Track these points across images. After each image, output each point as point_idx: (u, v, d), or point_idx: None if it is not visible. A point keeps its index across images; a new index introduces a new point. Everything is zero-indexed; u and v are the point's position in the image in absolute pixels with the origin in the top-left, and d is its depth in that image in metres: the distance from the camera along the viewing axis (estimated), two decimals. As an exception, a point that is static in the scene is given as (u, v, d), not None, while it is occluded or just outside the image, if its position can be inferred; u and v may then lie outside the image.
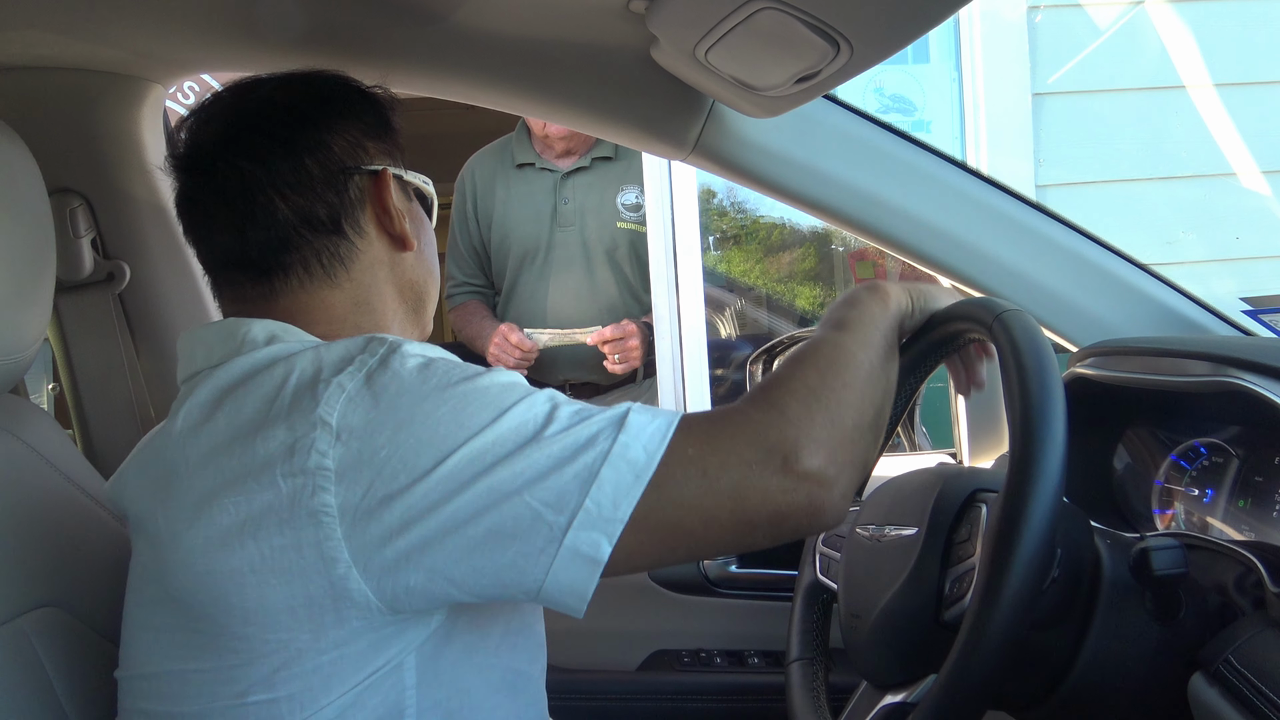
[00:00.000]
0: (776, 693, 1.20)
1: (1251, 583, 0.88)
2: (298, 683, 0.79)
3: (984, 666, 0.78)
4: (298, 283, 0.92)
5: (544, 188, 2.59)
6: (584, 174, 2.58)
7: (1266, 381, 0.91)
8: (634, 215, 2.56)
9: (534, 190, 2.59)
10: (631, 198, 2.57)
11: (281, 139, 0.92)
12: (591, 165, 2.58)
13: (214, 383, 0.84)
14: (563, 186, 2.58)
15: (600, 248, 2.55)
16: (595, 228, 2.55)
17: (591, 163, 2.58)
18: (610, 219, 2.56)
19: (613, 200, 2.57)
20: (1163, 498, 1.17)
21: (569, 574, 0.76)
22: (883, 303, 0.93)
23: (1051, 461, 0.79)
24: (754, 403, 0.81)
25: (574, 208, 2.57)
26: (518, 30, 1.18)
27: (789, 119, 1.23)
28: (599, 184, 2.57)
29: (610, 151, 2.58)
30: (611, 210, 2.56)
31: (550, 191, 2.58)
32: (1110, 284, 1.32)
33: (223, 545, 0.77)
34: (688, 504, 0.77)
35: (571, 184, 2.58)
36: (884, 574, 0.96)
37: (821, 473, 0.78)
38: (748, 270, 3.58)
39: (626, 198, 2.57)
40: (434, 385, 0.78)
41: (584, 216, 2.56)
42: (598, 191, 2.57)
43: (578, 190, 2.58)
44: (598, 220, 2.55)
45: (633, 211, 2.56)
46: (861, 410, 0.83)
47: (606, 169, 2.58)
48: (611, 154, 2.58)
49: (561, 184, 2.58)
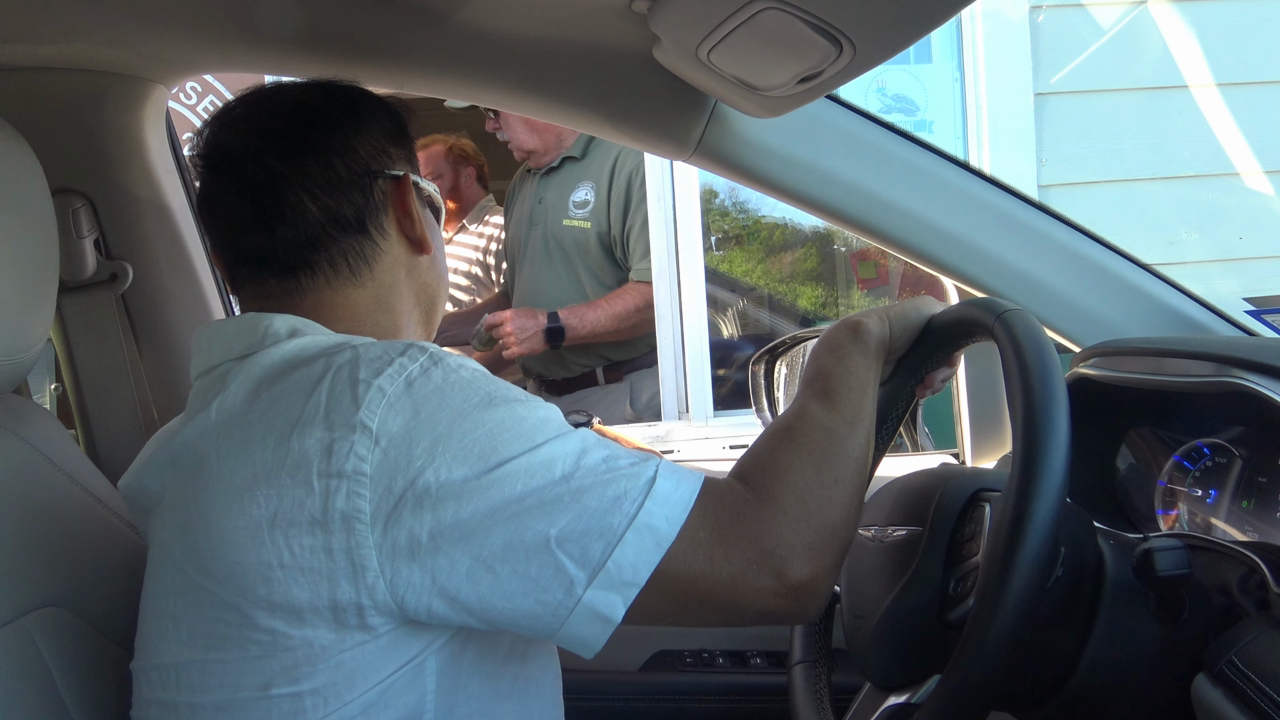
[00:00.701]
0: (779, 693, 1.20)
1: (1255, 583, 0.88)
2: (321, 677, 0.79)
3: (987, 666, 0.78)
4: (324, 280, 0.94)
5: (530, 190, 2.70)
6: (555, 173, 2.66)
7: (1270, 382, 0.91)
8: (580, 212, 2.62)
9: (525, 194, 2.71)
10: (581, 194, 2.62)
11: (312, 141, 0.94)
12: (560, 165, 2.66)
13: (248, 374, 0.85)
14: (540, 187, 2.67)
15: (555, 244, 2.63)
16: (553, 225, 2.63)
17: (561, 163, 2.65)
18: (560, 217, 2.63)
19: (566, 199, 2.63)
20: (1166, 498, 1.16)
21: (583, 629, 0.79)
22: (864, 349, 0.95)
23: (1055, 461, 0.78)
24: (755, 490, 0.83)
25: (545, 207, 2.65)
26: (520, 30, 1.18)
27: (791, 119, 1.23)
28: (563, 182, 2.65)
29: (579, 151, 2.64)
30: (563, 208, 2.63)
31: (533, 192, 2.69)
32: (1112, 284, 1.32)
33: (253, 537, 0.78)
34: (691, 582, 0.80)
35: (546, 184, 2.67)
36: (887, 574, 0.96)
37: (810, 585, 0.81)
38: (750, 270, 3.59)
39: (577, 195, 2.63)
40: (475, 404, 0.80)
41: (548, 215, 2.64)
42: (558, 190, 2.64)
43: (549, 189, 2.67)
44: (555, 218, 2.63)
45: (580, 209, 2.62)
46: (849, 506, 0.86)
47: (572, 168, 2.65)
48: (579, 153, 2.64)
49: (539, 184, 2.67)
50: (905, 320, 1.00)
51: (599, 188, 2.61)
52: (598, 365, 2.66)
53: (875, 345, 0.96)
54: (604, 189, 2.60)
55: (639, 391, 2.72)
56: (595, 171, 2.62)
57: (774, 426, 0.90)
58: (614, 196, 2.60)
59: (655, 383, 2.76)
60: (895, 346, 1.00)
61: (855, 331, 0.96)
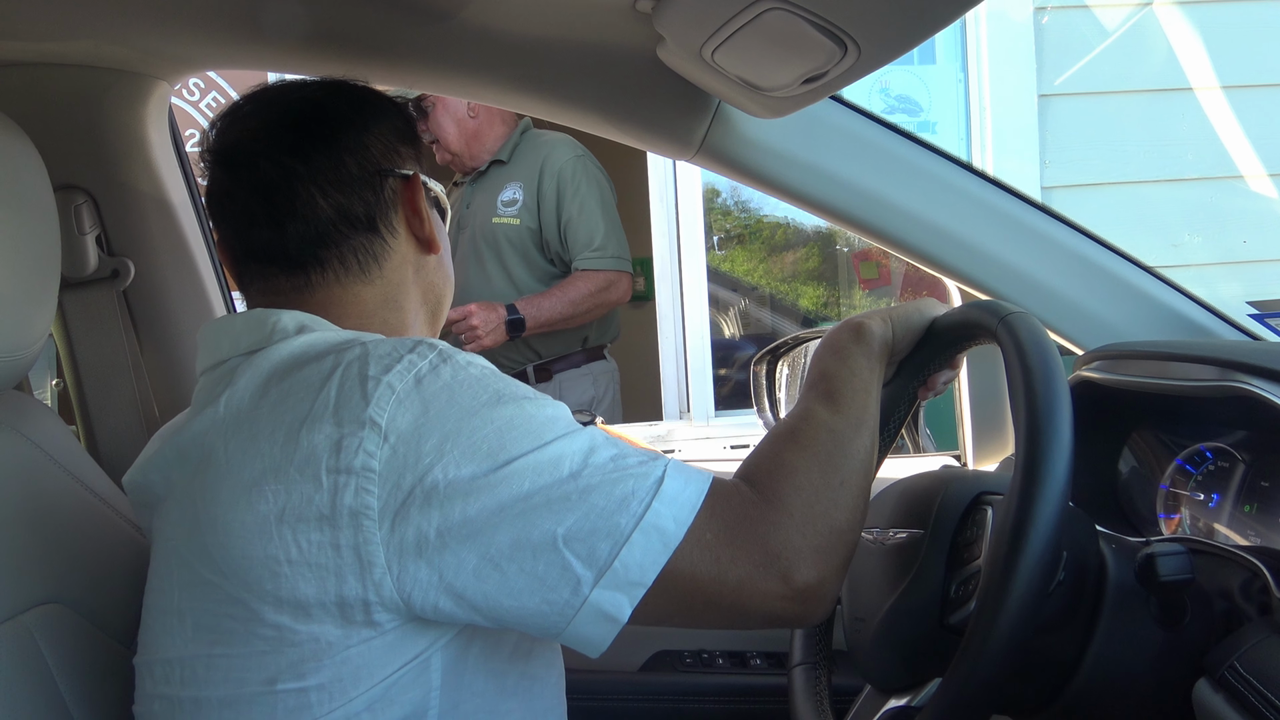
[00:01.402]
0: (779, 695, 1.20)
1: (1257, 588, 0.87)
2: (327, 672, 0.79)
3: (989, 669, 0.78)
4: (333, 277, 0.94)
5: (457, 198, 2.76)
6: (482, 178, 2.72)
7: (1273, 386, 0.91)
8: (509, 210, 2.67)
9: (454, 201, 2.75)
10: (509, 193, 2.67)
11: (324, 138, 0.94)
12: (488, 170, 2.72)
13: (256, 369, 0.85)
14: (468, 193, 2.74)
15: (484, 243, 2.68)
16: (480, 226, 2.69)
17: (489, 167, 2.71)
18: (489, 216, 2.68)
19: (494, 199, 2.69)
20: (1168, 502, 1.16)
21: (589, 628, 0.79)
22: (867, 350, 0.95)
23: (1058, 464, 0.78)
24: (761, 493, 0.83)
25: (471, 210, 2.72)
26: (524, 29, 1.19)
27: (795, 120, 1.23)
28: (490, 185, 2.71)
29: (506, 155, 2.71)
30: (491, 208, 2.68)
31: (460, 199, 2.75)
32: (1116, 287, 1.32)
33: (261, 532, 0.78)
34: (698, 584, 0.80)
35: (473, 189, 2.73)
36: (888, 577, 0.96)
37: (817, 588, 0.81)
38: (751, 270, 3.59)
39: (505, 194, 2.68)
40: (484, 401, 0.80)
41: (475, 217, 2.70)
42: (485, 192, 2.71)
43: (476, 194, 2.73)
44: (483, 219, 2.69)
45: (508, 206, 2.68)
46: (855, 509, 0.86)
47: (499, 171, 2.71)
48: (506, 157, 2.71)
49: (467, 191, 2.74)
50: (908, 322, 1.00)
51: (527, 186, 2.66)
52: (528, 364, 2.69)
53: (878, 347, 0.96)
54: (533, 187, 2.66)
55: (568, 391, 2.73)
56: (522, 172, 2.68)
57: (779, 429, 0.90)
58: (544, 193, 2.65)
59: (588, 384, 2.77)
60: (898, 348, 1.00)
61: (858, 333, 0.96)
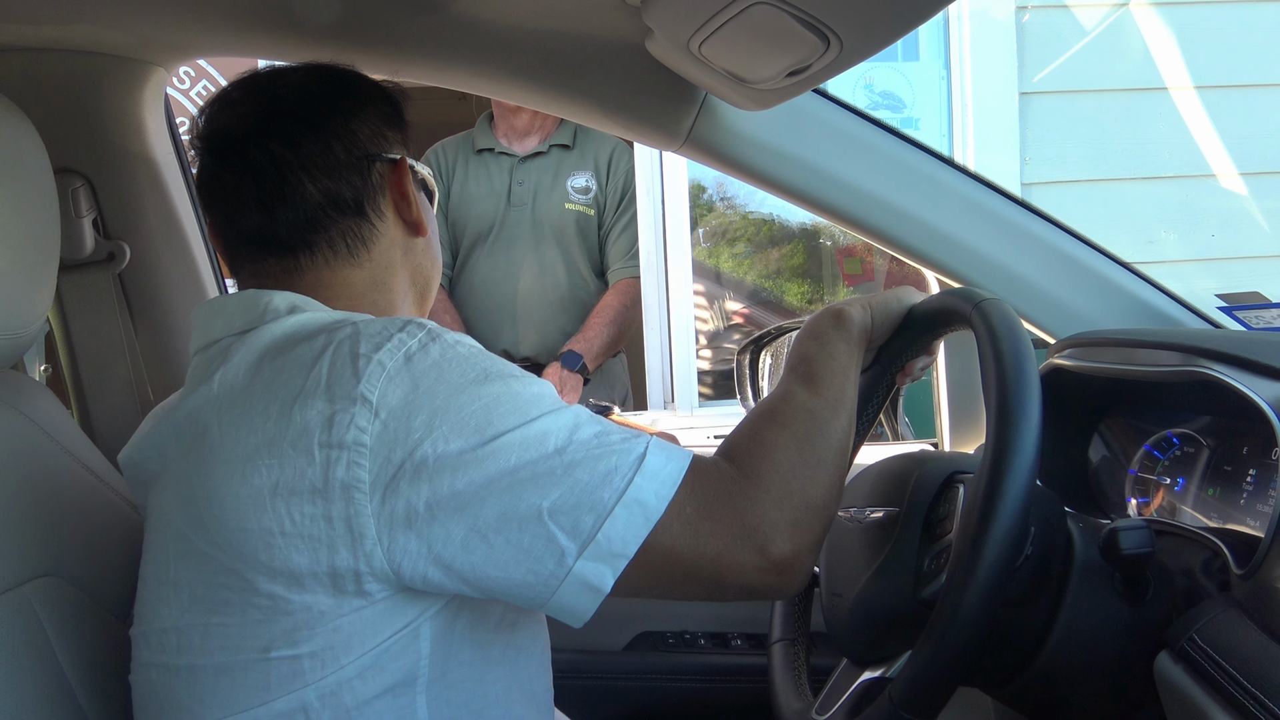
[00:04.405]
0: (759, 674, 1.23)
1: (1217, 566, 0.90)
2: (320, 641, 0.82)
3: (957, 641, 0.81)
4: (323, 260, 0.96)
5: (500, 170, 2.67)
6: (540, 159, 2.65)
7: (1233, 371, 0.93)
8: (582, 198, 2.64)
9: (491, 173, 2.66)
10: (582, 181, 2.64)
11: (312, 124, 0.96)
12: (549, 151, 2.65)
13: (250, 347, 0.87)
14: (519, 170, 2.65)
15: (548, 226, 2.62)
16: (545, 208, 2.63)
17: (549, 149, 2.65)
18: (560, 200, 2.63)
19: (564, 183, 2.64)
20: (1136, 487, 1.19)
21: (573, 599, 0.81)
22: (847, 336, 0.97)
23: (1027, 442, 0.81)
24: (740, 469, 0.85)
25: (527, 189, 2.64)
26: (516, 21, 1.20)
27: (779, 112, 1.25)
28: (553, 168, 2.65)
29: (569, 140, 2.65)
30: (561, 192, 2.63)
31: (506, 174, 2.66)
32: (1088, 278, 1.34)
33: (255, 505, 0.80)
34: (678, 556, 0.82)
35: (527, 168, 2.65)
36: (865, 553, 0.98)
37: (792, 560, 0.83)
38: (736, 266, 3.61)
39: (576, 181, 2.65)
40: (472, 378, 0.82)
41: (535, 197, 2.63)
42: (550, 175, 2.64)
43: (532, 173, 2.65)
44: (548, 201, 2.63)
45: (582, 194, 2.64)
46: (831, 486, 0.88)
47: (563, 156, 2.66)
48: (569, 142, 2.65)
49: (518, 167, 2.65)
50: (886, 309, 1.02)
51: (598, 178, 2.65)
52: None
53: (857, 333, 0.98)
54: (602, 180, 2.65)
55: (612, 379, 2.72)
56: (591, 162, 2.65)
57: (759, 409, 0.92)
58: (611, 189, 2.65)
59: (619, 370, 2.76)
60: (877, 334, 1.02)
61: (838, 319, 0.98)
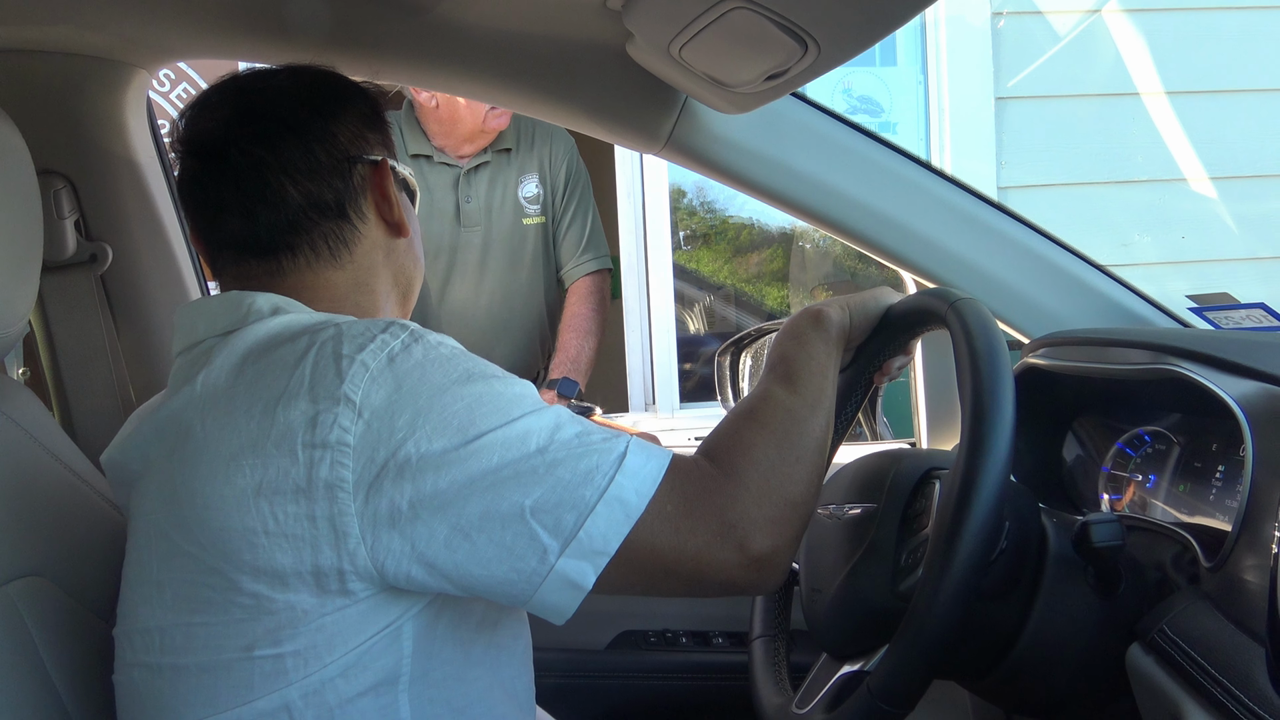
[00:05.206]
0: (740, 671, 1.24)
1: (1187, 560, 0.93)
2: (303, 639, 0.82)
3: (934, 631, 0.82)
4: (305, 262, 0.96)
5: (441, 184, 2.40)
6: (485, 169, 2.41)
7: (1203, 369, 0.96)
8: (535, 208, 2.45)
9: (430, 185, 2.38)
10: (531, 189, 2.44)
11: (292, 127, 0.96)
12: (492, 159, 2.42)
13: (233, 348, 0.87)
14: (464, 184, 2.40)
15: (505, 249, 2.42)
16: (500, 227, 2.42)
17: (492, 156, 2.42)
18: (514, 215, 2.44)
19: (515, 195, 2.43)
20: (1109, 484, 1.21)
21: (555, 596, 0.82)
22: (825, 336, 0.99)
23: (1001, 438, 0.83)
24: (720, 467, 0.87)
25: (477, 207, 2.40)
26: (498, 24, 1.21)
27: (758, 115, 1.26)
28: (500, 178, 2.42)
29: (511, 143, 2.42)
30: (514, 206, 2.43)
31: (450, 189, 2.40)
32: (1062, 279, 1.36)
33: (239, 505, 0.81)
34: (658, 553, 0.83)
35: (473, 180, 2.41)
36: (844, 549, 1.00)
37: (771, 557, 0.85)
38: (717, 270, 3.62)
39: (526, 190, 2.43)
40: (454, 379, 0.82)
41: (489, 215, 2.41)
42: (500, 187, 2.42)
43: (480, 187, 2.41)
44: (501, 218, 2.42)
45: (534, 204, 2.44)
46: (810, 483, 0.89)
47: (507, 162, 2.43)
48: (512, 145, 2.42)
49: (464, 180, 2.40)
50: (864, 309, 1.04)
51: (541, 180, 2.44)
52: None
53: (836, 332, 1.00)
54: (545, 181, 2.44)
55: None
56: (532, 163, 2.43)
57: (739, 408, 0.94)
58: (554, 188, 2.44)
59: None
60: (855, 334, 1.04)
61: (817, 319, 1.00)
